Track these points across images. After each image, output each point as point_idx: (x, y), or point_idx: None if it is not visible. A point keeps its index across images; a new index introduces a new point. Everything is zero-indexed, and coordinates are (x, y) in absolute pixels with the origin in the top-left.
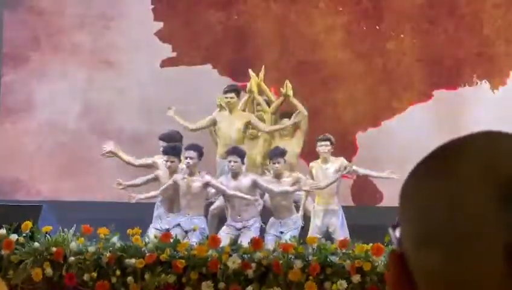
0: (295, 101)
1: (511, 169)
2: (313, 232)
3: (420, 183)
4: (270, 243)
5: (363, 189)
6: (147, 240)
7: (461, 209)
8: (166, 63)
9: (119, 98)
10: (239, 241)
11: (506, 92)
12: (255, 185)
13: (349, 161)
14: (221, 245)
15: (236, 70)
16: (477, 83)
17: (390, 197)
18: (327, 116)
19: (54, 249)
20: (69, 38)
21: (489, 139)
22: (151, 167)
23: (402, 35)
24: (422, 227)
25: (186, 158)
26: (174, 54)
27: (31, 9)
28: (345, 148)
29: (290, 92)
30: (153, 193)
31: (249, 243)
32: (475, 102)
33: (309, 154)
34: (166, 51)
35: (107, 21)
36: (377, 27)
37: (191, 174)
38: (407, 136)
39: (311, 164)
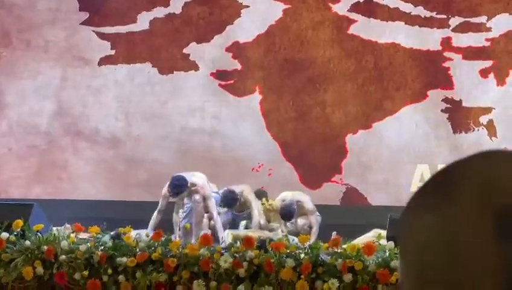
0: None
1: (507, 196)
2: None
3: (415, 219)
4: None
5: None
6: (138, 236)
7: (458, 246)
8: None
9: (95, 98)
10: None
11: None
12: None
13: (339, 165)
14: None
15: (220, 69)
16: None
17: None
18: (315, 117)
19: (45, 247)
20: (41, 34)
21: (485, 164)
22: None
23: (395, 31)
24: (420, 266)
25: None
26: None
27: (1, 4)
28: (335, 151)
29: None
30: None
31: (240, 242)
32: (475, 100)
33: None
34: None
35: (81, 16)
36: (369, 22)
37: None
38: (400, 140)
39: None
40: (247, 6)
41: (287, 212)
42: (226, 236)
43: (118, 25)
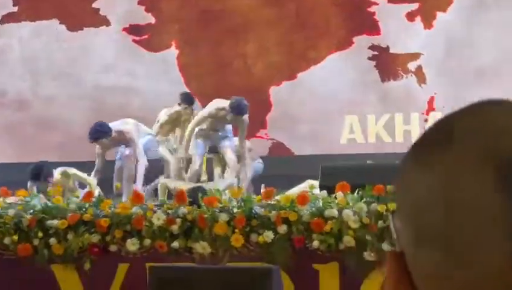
0: None
1: (509, 149)
2: None
3: (411, 177)
4: None
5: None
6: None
7: (459, 202)
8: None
9: None
10: None
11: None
12: None
13: (263, 119)
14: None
15: (133, 23)
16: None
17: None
18: (237, 70)
19: None
20: None
21: (483, 117)
22: None
23: None
24: (418, 226)
25: None
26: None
27: None
28: (258, 105)
29: None
30: None
31: (172, 199)
32: (403, 45)
33: None
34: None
35: None
36: None
37: None
38: (326, 89)
39: None
40: None
41: (240, 105)
42: (159, 187)
43: None
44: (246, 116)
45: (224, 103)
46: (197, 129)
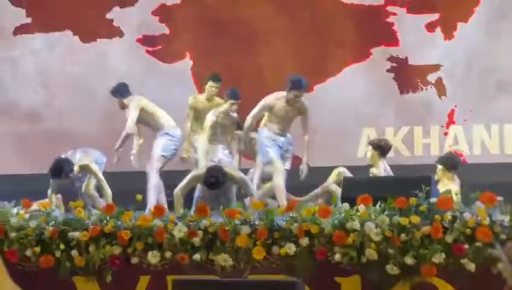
0: None
1: None
2: None
3: None
4: None
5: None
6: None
7: None
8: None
9: (10, 68)
10: None
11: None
12: None
13: None
14: None
15: (147, 34)
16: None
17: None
18: (251, 81)
19: None
20: None
21: None
22: None
23: None
24: None
25: None
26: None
27: None
28: None
29: None
30: None
31: (194, 210)
32: (423, 57)
33: None
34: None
35: None
36: None
37: None
38: (344, 102)
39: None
40: None
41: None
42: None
43: None
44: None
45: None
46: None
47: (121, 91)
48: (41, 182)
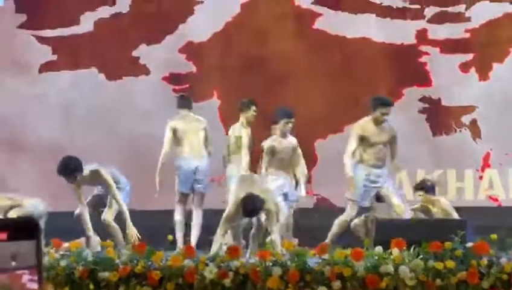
0: None
1: None
2: None
3: None
4: None
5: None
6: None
7: None
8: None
9: (35, 106)
10: None
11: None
12: None
13: (309, 173)
14: None
15: (174, 72)
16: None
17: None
18: None
19: None
20: None
21: None
22: None
23: (365, 24)
24: None
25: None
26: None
27: None
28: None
29: None
30: None
31: (226, 251)
32: (456, 98)
33: None
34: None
35: (18, 19)
36: (336, 15)
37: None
38: None
39: None
40: (201, 2)
41: None
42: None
43: (60, 28)
44: None
45: None
46: None
47: None
48: (69, 220)
